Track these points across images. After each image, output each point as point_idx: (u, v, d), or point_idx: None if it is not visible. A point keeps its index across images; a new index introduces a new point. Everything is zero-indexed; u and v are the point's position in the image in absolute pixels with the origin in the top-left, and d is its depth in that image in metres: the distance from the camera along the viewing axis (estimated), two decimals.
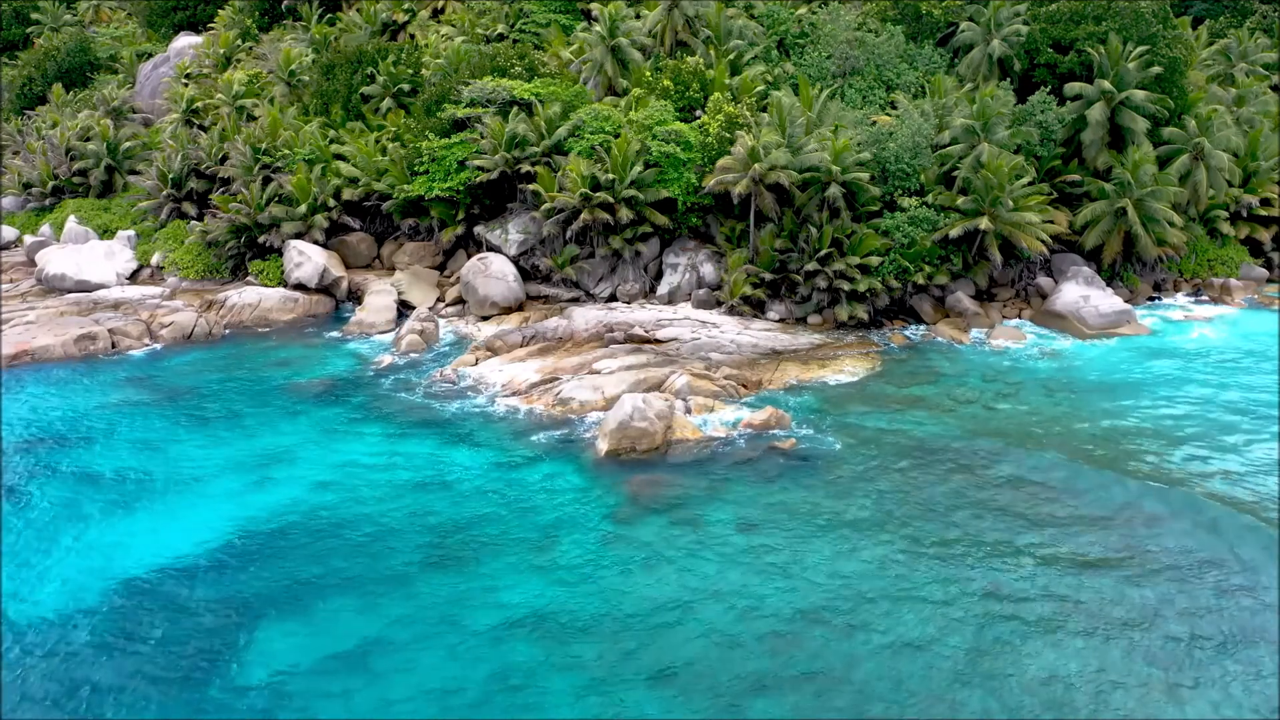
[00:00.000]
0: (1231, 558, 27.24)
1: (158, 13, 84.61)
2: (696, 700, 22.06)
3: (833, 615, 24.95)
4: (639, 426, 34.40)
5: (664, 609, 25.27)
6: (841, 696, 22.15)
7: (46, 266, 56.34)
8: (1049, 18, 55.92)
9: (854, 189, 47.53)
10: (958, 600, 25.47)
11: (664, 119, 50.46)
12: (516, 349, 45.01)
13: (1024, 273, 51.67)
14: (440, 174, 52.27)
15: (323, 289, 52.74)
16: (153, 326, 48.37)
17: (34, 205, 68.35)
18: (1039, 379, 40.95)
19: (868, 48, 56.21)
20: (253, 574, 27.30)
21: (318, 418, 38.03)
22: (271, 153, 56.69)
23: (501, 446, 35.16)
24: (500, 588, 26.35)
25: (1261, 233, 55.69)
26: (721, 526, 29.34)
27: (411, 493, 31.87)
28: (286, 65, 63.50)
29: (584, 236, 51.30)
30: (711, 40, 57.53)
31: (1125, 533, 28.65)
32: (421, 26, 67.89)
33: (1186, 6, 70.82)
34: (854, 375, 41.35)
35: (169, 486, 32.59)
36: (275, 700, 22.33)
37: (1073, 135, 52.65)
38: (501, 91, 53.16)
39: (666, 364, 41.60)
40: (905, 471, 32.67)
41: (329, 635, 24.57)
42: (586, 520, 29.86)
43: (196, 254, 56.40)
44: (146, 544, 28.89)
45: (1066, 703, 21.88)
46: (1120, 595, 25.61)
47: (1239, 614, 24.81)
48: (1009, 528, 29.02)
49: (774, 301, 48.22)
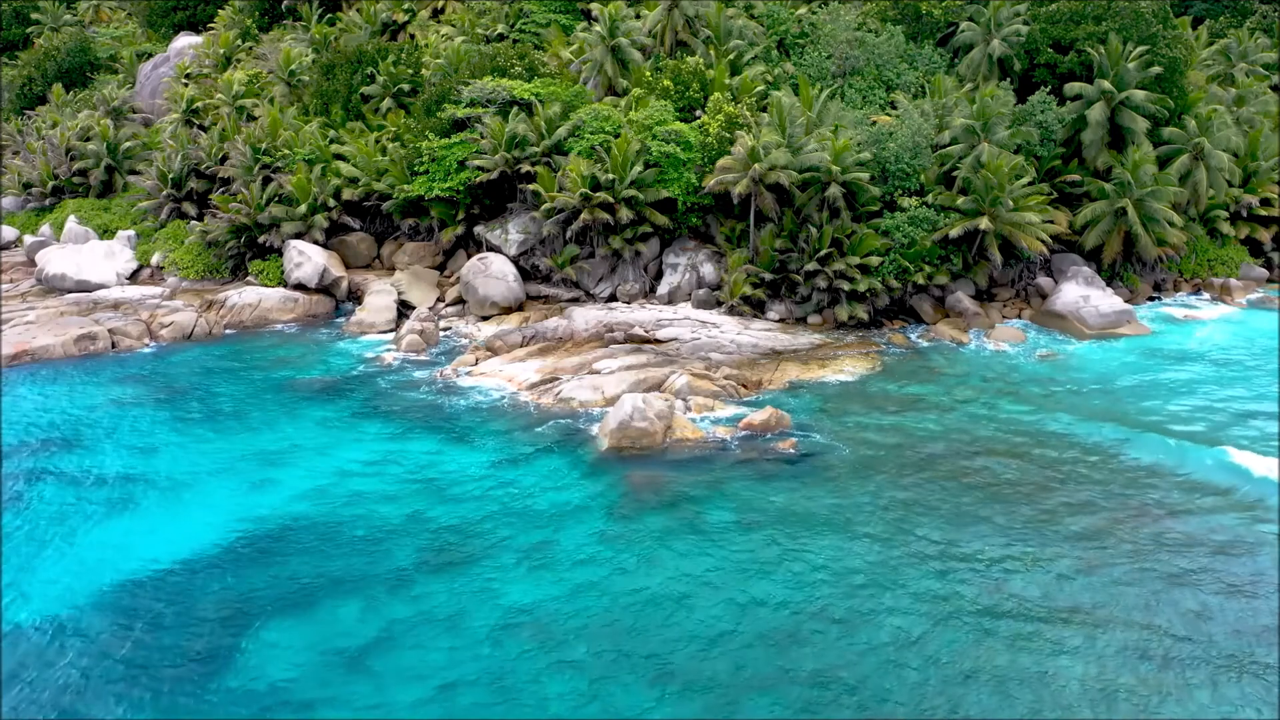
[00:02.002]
0: (1230, 559, 27.25)
1: (158, 13, 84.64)
2: (696, 700, 22.05)
3: (833, 614, 24.94)
4: (639, 426, 34.41)
5: (664, 608, 25.27)
6: (841, 695, 22.14)
7: (46, 266, 56.34)
8: (1049, 18, 55.92)
9: (854, 189, 47.54)
10: (958, 599, 25.46)
11: (664, 119, 50.47)
12: (516, 349, 45.02)
13: (1024, 273, 51.68)
14: (440, 174, 52.27)
15: (323, 289, 52.74)
16: (153, 326, 48.37)
17: (34, 205, 68.37)
18: (1039, 379, 40.95)
19: (868, 48, 56.22)
20: (252, 574, 27.28)
21: (318, 417, 38.03)
22: (271, 153, 56.70)
23: (501, 446, 35.16)
24: (500, 587, 26.34)
25: (1261, 233, 55.74)
26: (721, 526, 29.34)
27: (411, 492, 31.88)
28: (286, 65, 63.51)
29: (584, 236, 51.30)
30: (711, 40, 57.54)
31: (1126, 532, 28.65)
32: (421, 26, 67.91)
33: (1186, 6, 70.86)
34: (854, 375, 41.35)
35: (168, 486, 32.58)
36: (275, 701, 22.31)
37: (1073, 135, 52.68)
38: (501, 91, 53.17)
39: (666, 364, 41.60)
40: (905, 471, 32.68)
41: (329, 635, 24.55)
42: (586, 520, 29.85)
43: (196, 254, 56.41)
44: (146, 544, 28.87)
45: (1067, 701, 21.87)
46: (1121, 595, 25.60)
47: (1237, 616, 24.80)
48: (1009, 527, 29.02)
49: (774, 301, 48.22)
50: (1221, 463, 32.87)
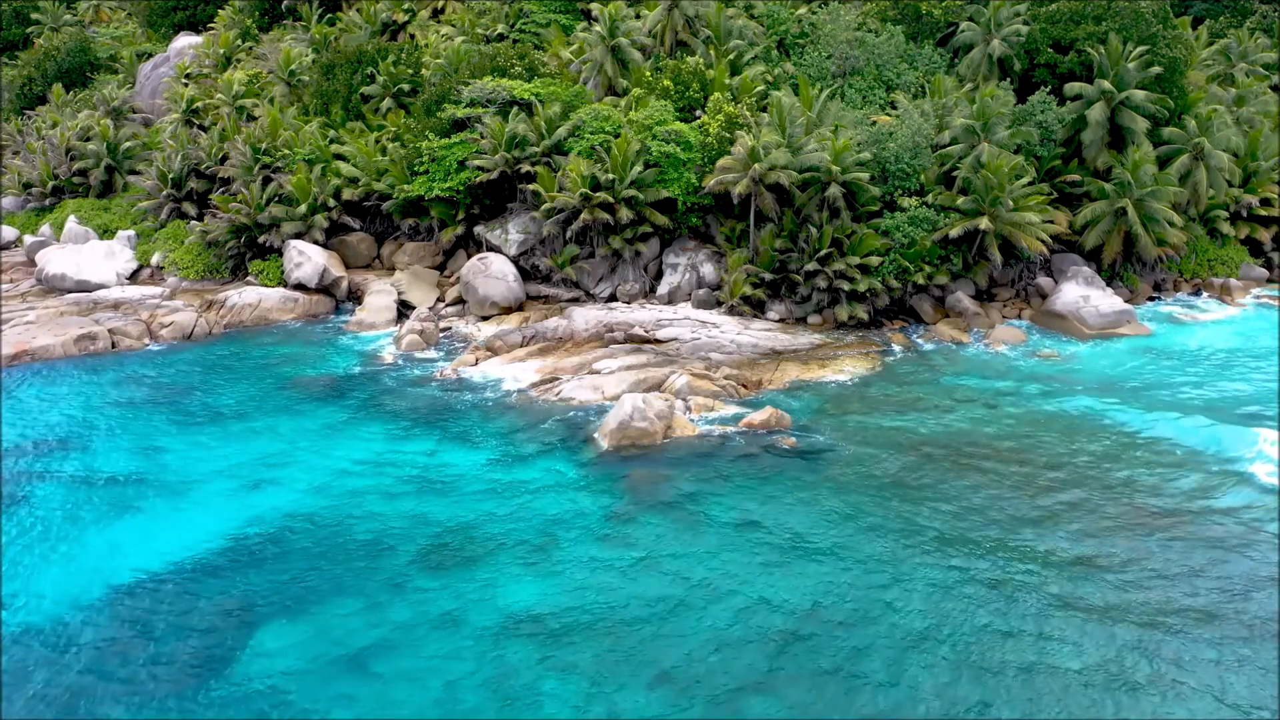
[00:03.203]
0: (1229, 560, 27.25)
1: (158, 13, 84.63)
2: (696, 700, 22.04)
3: (833, 613, 24.95)
4: (639, 426, 34.41)
5: (664, 608, 25.27)
6: (842, 695, 22.14)
7: (46, 266, 56.34)
8: (1049, 18, 55.92)
9: (854, 189, 47.54)
10: (958, 598, 25.46)
11: (664, 119, 50.46)
12: (516, 349, 45.02)
13: (1024, 273, 51.67)
14: (440, 174, 52.27)
15: (323, 289, 52.74)
16: (153, 326, 48.37)
17: (34, 205, 68.36)
18: (1039, 379, 40.93)
19: (868, 48, 56.22)
20: (252, 575, 27.27)
21: (317, 417, 38.02)
22: (271, 153, 56.70)
23: (501, 446, 35.16)
24: (500, 588, 26.34)
25: (1261, 233, 55.72)
26: (722, 526, 29.34)
27: (411, 492, 31.87)
28: (286, 65, 63.50)
29: (584, 236, 51.30)
30: (711, 40, 57.54)
31: (1128, 532, 28.65)
32: (421, 26, 67.90)
33: (1186, 6, 70.84)
34: (854, 375, 41.35)
35: (168, 487, 32.56)
36: (276, 702, 22.31)
37: (1073, 135, 52.66)
38: (501, 91, 53.17)
39: (666, 364, 41.60)
40: (905, 471, 32.67)
41: (328, 636, 24.54)
42: (586, 520, 29.85)
43: (196, 254, 56.41)
44: (146, 545, 28.86)
45: (1067, 700, 21.87)
46: (1121, 595, 25.60)
47: (1235, 618, 24.81)
48: (1009, 527, 29.01)
49: (774, 301, 48.22)
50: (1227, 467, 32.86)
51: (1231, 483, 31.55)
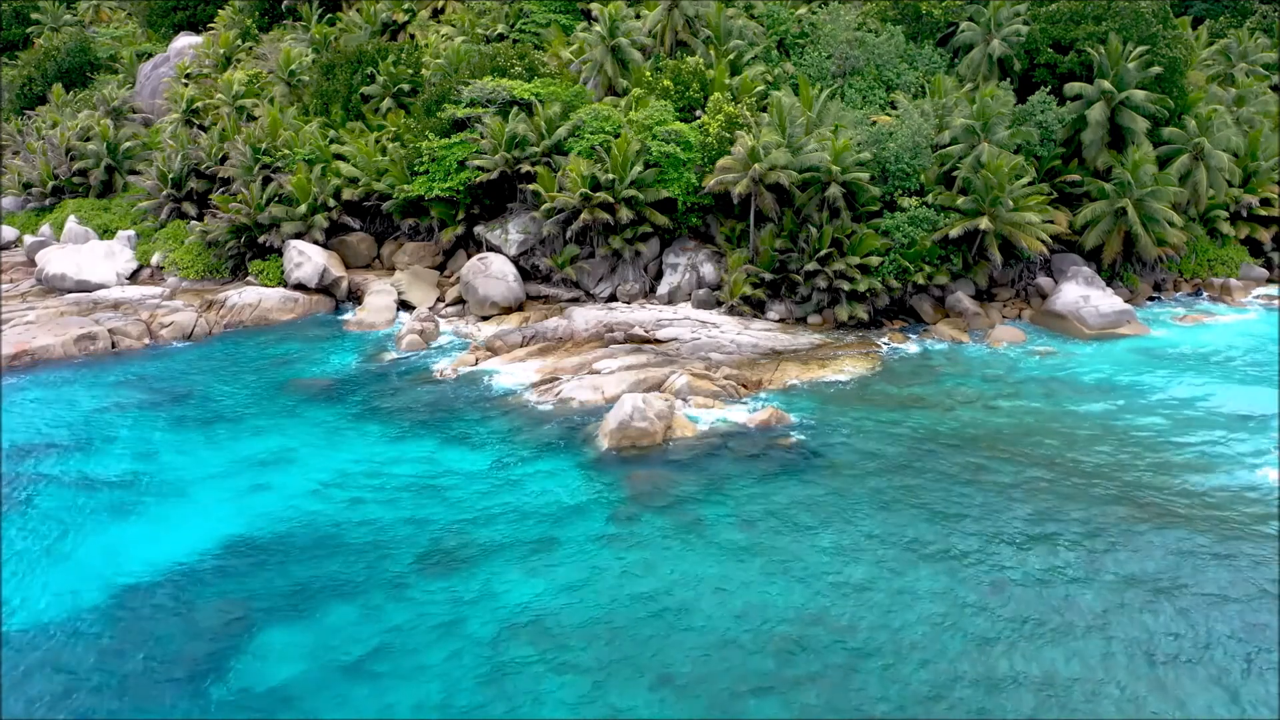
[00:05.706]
0: (1228, 561, 27.26)
1: (158, 13, 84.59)
2: (697, 702, 22.05)
3: (833, 614, 24.95)
4: (639, 426, 34.41)
5: (664, 609, 25.27)
6: (843, 696, 22.14)
7: (46, 266, 56.32)
8: (1049, 18, 55.91)
9: (854, 189, 47.53)
10: (958, 599, 25.47)
11: (664, 119, 50.45)
12: (516, 349, 45.02)
13: (1024, 273, 51.66)
14: (440, 174, 52.27)
15: (323, 289, 52.74)
16: (153, 326, 48.36)
17: (34, 205, 68.33)
18: (1039, 379, 40.94)
19: (868, 48, 56.21)
20: (253, 576, 27.28)
21: (317, 418, 38.03)
22: (271, 153, 56.69)
23: (501, 446, 35.15)
24: (500, 589, 26.34)
25: (1261, 233, 55.72)
26: (722, 526, 29.34)
27: (411, 493, 31.87)
28: (286, 65, 63.49)
29: (584, 236, 51.30)
30: (711, 40, 57.53)
31: (1131, 533, 28.64)
32: (421, 26, 67.89)
33: (1186, 6, 70.82)
34: (854, 375, 41.35)
35: (168, 488, 32.56)
36: (276, 703, 22.31)
37: (1073, 135, 52.65)
38: (501, 91, 53.16)
39: (666, 364, 41.60)
40: (905, 471, 32.67)
41: (328, 637, 24.54)
42: (586, 520, 29.85)
43: (196, 254, 56.40)
44: (146, 547, 28.86)
45: (1067, 702, 21.87)
46: (1121, 595, 25.61)
47: (1235, 619, 24.83)
48: (1009, 527, 29.02)
49: (774, 301, 48.22)
50: (1228, 466, 32.87)
51: (1233, 483, 31.56)
